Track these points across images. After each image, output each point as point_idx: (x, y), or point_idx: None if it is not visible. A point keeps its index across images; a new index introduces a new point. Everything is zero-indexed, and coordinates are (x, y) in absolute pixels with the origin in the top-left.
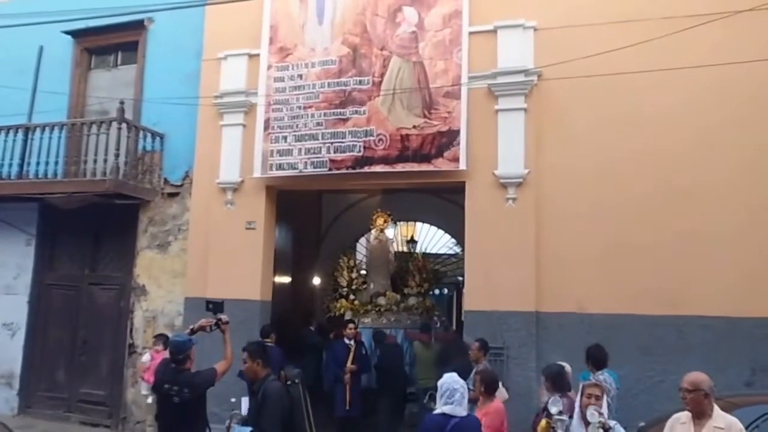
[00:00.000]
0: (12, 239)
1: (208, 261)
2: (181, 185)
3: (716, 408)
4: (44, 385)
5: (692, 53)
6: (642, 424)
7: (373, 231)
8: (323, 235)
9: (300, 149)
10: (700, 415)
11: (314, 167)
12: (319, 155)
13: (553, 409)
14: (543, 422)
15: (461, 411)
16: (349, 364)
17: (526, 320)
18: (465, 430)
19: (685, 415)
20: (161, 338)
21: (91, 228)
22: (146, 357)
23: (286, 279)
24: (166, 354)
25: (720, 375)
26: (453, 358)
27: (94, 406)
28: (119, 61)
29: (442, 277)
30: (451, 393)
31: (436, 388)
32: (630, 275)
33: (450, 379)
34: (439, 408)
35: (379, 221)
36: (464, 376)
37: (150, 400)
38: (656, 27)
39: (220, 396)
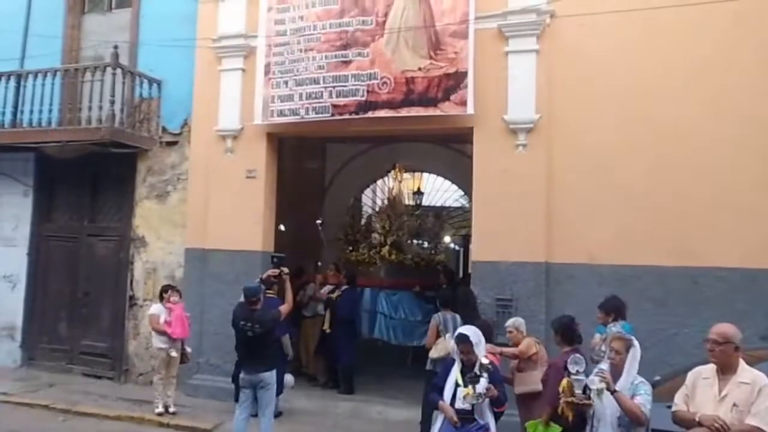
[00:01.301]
0: (9, 190)
1: (208, 211)
2: (180, 133)
3: (742, 362)
4: (46, 337)
5: None
6: (657, 378)
7: (391, 181)
8: (328, 186)
9: (301, 94)
10: (726, 369)
11: (316, 113)
12: (321, 100)
13: (573, 368)
14: (564, 381)
15: None
16: None
17: (535, 271)
18: None
19: (707, 369)
20: (175, 290)
21: (88, 178)
22: (155, 309)
23: (289, 229)
24: (182, 304)
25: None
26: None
27: (96, 358)
28: (113, 5)
29: (454, 230)
30: None
31: None
32: (644, 225)
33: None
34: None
35: (399, 172)
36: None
37: (173, 353)
38: None
39: (221, 348)
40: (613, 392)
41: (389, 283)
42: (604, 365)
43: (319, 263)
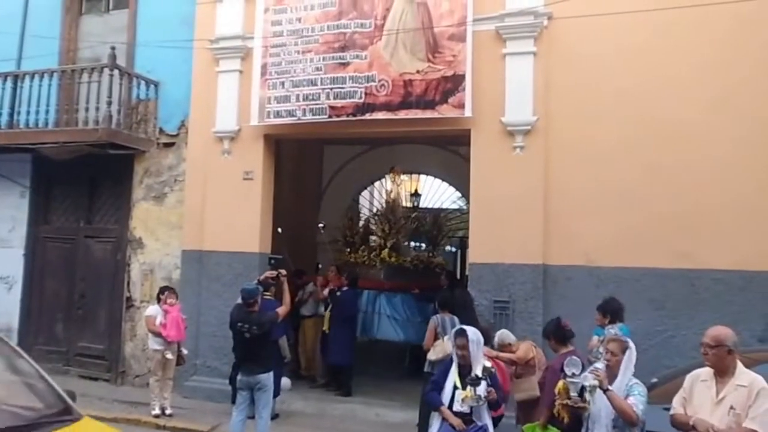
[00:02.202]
0: (5, 191)
1: (206, 212)
2: (177, 135)
3: (739, 365)
4: (42, 338)
5: None
6: (654, 380)
7: (389, 184)
8: (325, 188)
9: (298, 96)
10: (723, 373)
11: (313, 114)
12: (318, 102)
13: (569, 370)
14: (560, 383)
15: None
16: None
17: (532, 273)
18: None
19: (705, 372)
20: (172, 292)
21: (85, 179)
22: (152, 310)
23: (286, 231)
24: (179, 306)
25: (732, 330)
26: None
27: (92, 360)
28: (111, 6)
29: (451, 232)
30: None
31: None
32: (641, 227)
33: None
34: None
35: (397, 175)
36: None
37: (169, 355)
38: None
39: (218, 350)
40: (605, 391)
41: (389, 285)
42: (600, 365)
43: (320, 265)
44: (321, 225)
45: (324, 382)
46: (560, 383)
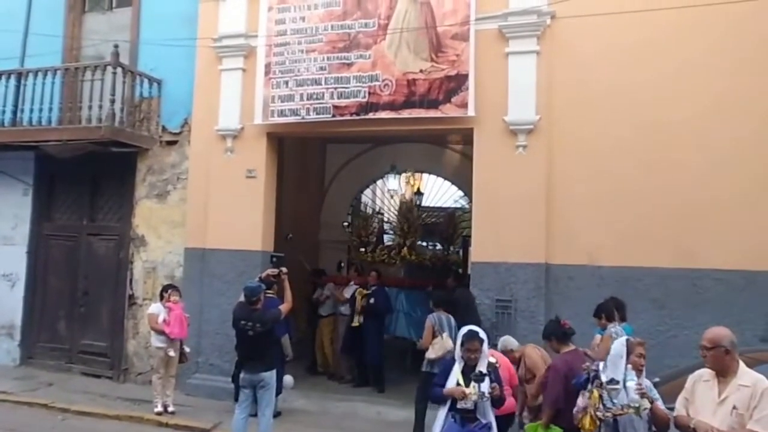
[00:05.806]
0: (9, 189)
1: (208, 211)
2: (180, 133)
3: (741, 364)
4: (45, 336)
5: None
6: (656, 379)
7: (403, 184)
8: (328, 186)
9: (302, 95)
10: (724, 373)
11: (317, 113)
12: (322, 101)
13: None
14: (595, 393)
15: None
16: None
17: (535, 272)
18: None
19: (708, 373)
20: (176, 290)
21: (88, 177)
22: (154, 308)
23: (288, 229)
24: (182, 304)
25: (735, 330)
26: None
27: (95, 357)
28: (114, 4)
29: (462, 231)
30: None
31: None
32: (644, 227)
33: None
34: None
35: (412, 176)
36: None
37: (172, 353)
38: None
39: (221, 347)
40: (651, 403)
41: (408, 282)
42: (634, 377)
43: (342, 263)
44: (345, 224)
45: (350, 378)
46: (595, 393)
